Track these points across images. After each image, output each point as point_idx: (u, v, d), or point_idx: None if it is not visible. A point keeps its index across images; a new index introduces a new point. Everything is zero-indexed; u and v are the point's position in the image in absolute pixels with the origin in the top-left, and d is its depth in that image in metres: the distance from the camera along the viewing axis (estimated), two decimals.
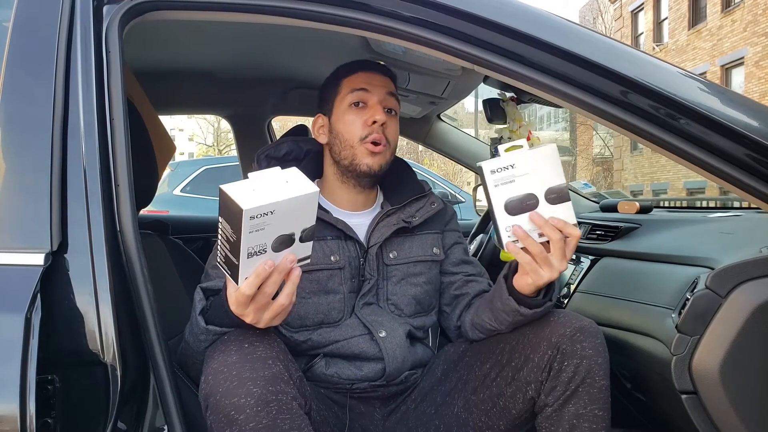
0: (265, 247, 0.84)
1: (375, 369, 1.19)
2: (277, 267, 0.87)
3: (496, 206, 0.98)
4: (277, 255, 0.86)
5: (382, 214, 1.26)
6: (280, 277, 0.89)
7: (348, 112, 1.24)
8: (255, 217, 0.80)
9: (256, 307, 0.90)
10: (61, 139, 0.90)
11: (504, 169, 0.97)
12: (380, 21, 0.98)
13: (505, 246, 1.00)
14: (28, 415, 0.76)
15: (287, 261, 0.87)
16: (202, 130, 26.01)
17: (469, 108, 9.32)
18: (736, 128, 0.94)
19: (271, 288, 0.88)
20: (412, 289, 1.26)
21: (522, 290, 1.07)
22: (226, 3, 1.00)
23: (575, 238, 1.01)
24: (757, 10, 13.24)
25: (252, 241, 0.82)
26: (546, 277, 1.02)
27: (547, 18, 1.02)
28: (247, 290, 0.87)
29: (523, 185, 0.98)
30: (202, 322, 0.99)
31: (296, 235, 0.86)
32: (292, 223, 0.85)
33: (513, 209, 0.99)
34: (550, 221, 0.99)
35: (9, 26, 0.94)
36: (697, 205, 2.03)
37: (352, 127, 1.22)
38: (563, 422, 1.06)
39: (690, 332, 1.03)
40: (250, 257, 0.83)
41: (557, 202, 1.00)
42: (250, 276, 0.86)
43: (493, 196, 0.98)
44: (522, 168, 0.97)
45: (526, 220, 0.99)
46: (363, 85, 1.24)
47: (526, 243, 0.99)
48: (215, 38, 1.61)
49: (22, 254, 0.85)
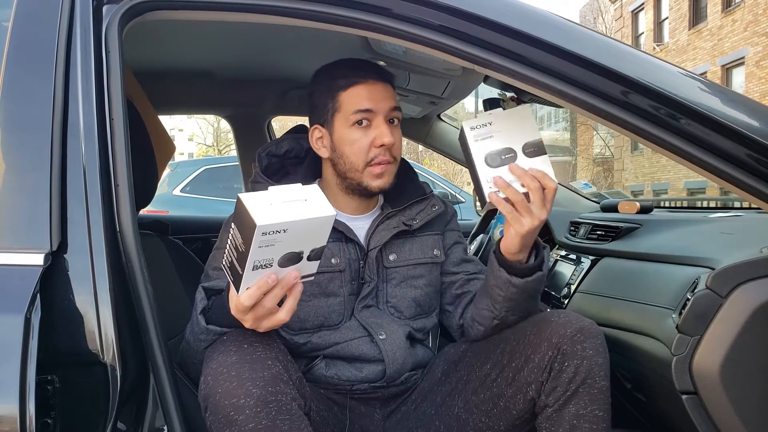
0: (271, 262, 0.85)
1: (375, 370, 1.19)
2: (281, 282, 0.87)
3: (477, 160, 1.04)
4: (282, 270, 0.87)
5: (382, 217, 1.25)
6: (282, 292, 0.89)
7: (352, 132, 1.18)
8: (267, 233, 0.80)
9: (254, 317, 0.91)
10: (60, 139, 0.90)
11: (483, 126, 1.05)
12: (380, 21, 0.98)
13: (487, 196, 1.04)
14: (28, 416, 0.76)
15: (291, 277, 0.88)
16: (202, 130, 26.04)
17: (469, 108, 9.32)
18: (736, 128, 0.93)
19: (270, 302, 0.89)
20: (412, 291, 1.26)
21: (509, 249, 1.10)
22: (226, 3, 1.00)
23: (552, 190, 1.04)
24: (757, 10, 13.23)
25: (260, 255, 0.83)
26: (527, 225, 1.04)
27: (548, 18, 1.02)
28: (247, 302, 0.88)
29: (501, 140, 1.05)
30: (203, 322, 0.99)
31: (305, 254, 0.87)
32: (303, 242, 0.85)
33: (493, 161, 1.05)
34: (530, 171, 1.03)
35: (9, 26, 0.94)
36: (697, 205, 2.03)
37: (357, 148, 1.17)
38: (564, 423, 1.06)
39: (690, 332, 1.03)
40: (255, 270, 0.84)
41: (535, 155, 1.06)
42: (252, 287, 0.86)
43: (473, 150, 1.05)
44: (499, 125, 1.05)
45: (506, 171, 1.04)
46: (367, 105, 1.17)
47: (507, 192, 1.03)
48: (215, 38, 1.60)
49: (22, 254, 0.85)
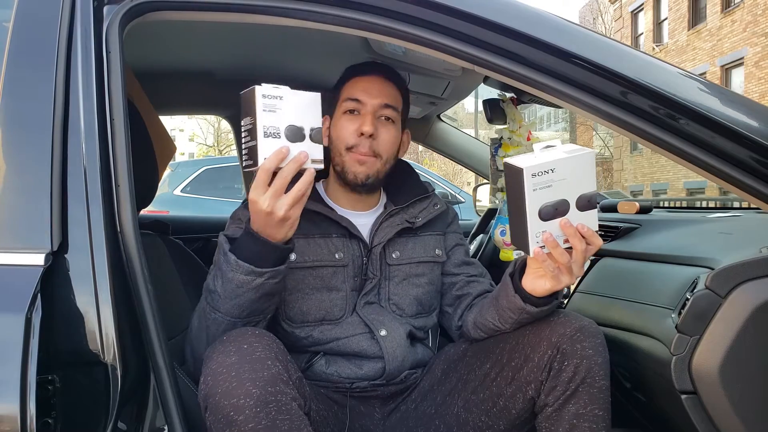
0: (278, 131, 0.95)
1: (375, 368, 1.19)
2: (293, 158, 0.95)
3: (530, 211, 0.95)
4: (292, 146, 0.96)
5: (385, 214, 1.27)
6: (296, 167, 0.95)
7: (342, 119, 1.24)
8: (266, 96, 0.94)
9: (274, 191, 0.95)
10: (61, 140, 0.90)
11: (544, 173, 0.94)
12: (380, 21, 0.98)
13: (533, 252, 0.97)
14: (29, 415, 0.76)
15: (301, 155, 0.96)
16: (203, 130, 26.03)
17: (469, 108, 9.33)
18: (735, 128, 0.94)
19: (288, 172, 0.95)
20: (414, 289, 1.26)
21: (535, 293, 1.07)
22: (226, 3, 1.00)
23: (596, 247, 1.00)
24: (756, 11, 13.24)
25: (265, 120, 0.94)
26: (565, 283, 1.03)
27: (547, 18, 1.02)
28: (267, 164, 0.94)
29: (559, 191, 0.95)
30: (233, 257, 1.00)
31: (306, 131, 0.97)
32: (301, 117, 0.97)
33: (546, 215, 0.96)
34: (579, 229, 0.98)
35: (9, 26, 0.94)
36: (696, 205, 2.03)
37: (343, 133, 1.23)
38: (563, 422, 1.06)
39: (690, 332, 1.03)
40: (266, 137, 0.94)
41: (586, 209, 0.97)
42: (270, 155, 0.95)
43: (529, 200, 0.94)
44: (561, 173, 0.95)
45: (556, 226, 0.97)
46: (357, 95, 1.23)
47: (555, 252, 0.98)
48: (215, 38, 1.61)
49: (23, 254, 0.85)
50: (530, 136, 1.97)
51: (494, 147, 2.03)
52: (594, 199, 0.98)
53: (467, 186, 16.24)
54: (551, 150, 0.98)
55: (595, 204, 0.98)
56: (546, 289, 1.06)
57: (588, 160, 0.96)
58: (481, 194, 2.52)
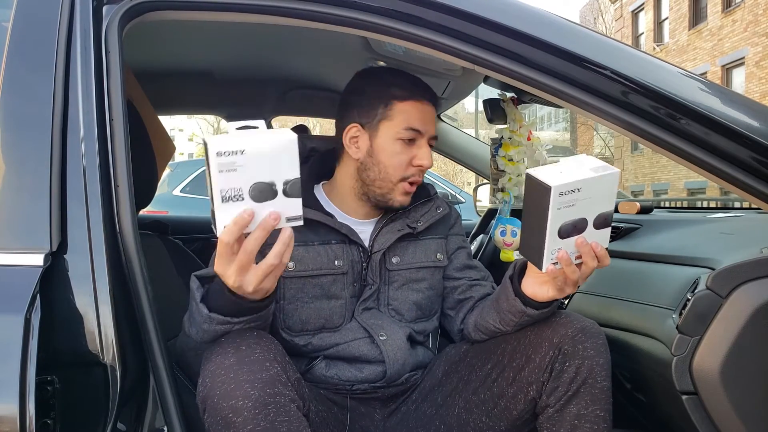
0: (241, 193, 0.80)
1: (375, 371, 1.19)
2: (260, 223, 0.81)
3: (551, 229, 0.93)
4: (259, 207, 0.81)
5: (386, 219, 1.24)
6: (263, 234, 0.82)
7: (396, 144, 1.17)
8: (222, 154, 0.77)
9: (238, 266, 0.84)
10: (60, 140, 0.90)
11: (571, 192, 0.91)
12: (380, 21, 0.98)
13: (546, 269, 0.96)
14: (28, 416, 0.76)
15: (270, 218, 0.81)
16: (202, 130, 26.02)
17: (469, 108, 9.34)
18: (736, 128, 0.93)
19: (251, 245, 0.82)
20: (414, 294, 1.25)
21: (536, 298, 1.07)
22: (226, 3, 0.99)
23: (604, 266, 1.00)
24: (757, 10, 13.23)
25: (224, 183, 0.79)
26: (567, 293, 1.03)
27: (548, 18, 1.02)
28: (225, 237, 0.81)
29: (581, 209, 0.93)
30: (205, 309, 0.93)
31: (278, 186, 0.81)
32: (271, 171, 0.80)
33: (564, 233, 0.94)
34: (593, 247, 0.97)
35: (9, 26, 0.94)
36: (697, 205, 2.04)
37: (396, 161, 1.17)
38: (565, 423, 1.06)
39: (690, 333, 1.03)
40: (225, 202, 0.80)
41: (601, 227, 0.96)
42: (229, 223, 0.81)
43: (551, 217, 0.92)
44: (587, 192, 0.92)
45: (571, 243, 0.95)
46: (418, 126, 1.17)
47: (568, 269, 0.97)
48: (215, 38, 1.60)
49: (22, 255, 0.85)
50: (531, 136, 1.96)
51: (495, 147, 2.03)
52: (610, 219, 0.97)
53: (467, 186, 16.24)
54: (575, 165, 0.95)
55: (610, 223, 0.97)
56: (548, 297, 1.06)
57: (614, 180, 0.94)
58: (482, 194, 2.51)
